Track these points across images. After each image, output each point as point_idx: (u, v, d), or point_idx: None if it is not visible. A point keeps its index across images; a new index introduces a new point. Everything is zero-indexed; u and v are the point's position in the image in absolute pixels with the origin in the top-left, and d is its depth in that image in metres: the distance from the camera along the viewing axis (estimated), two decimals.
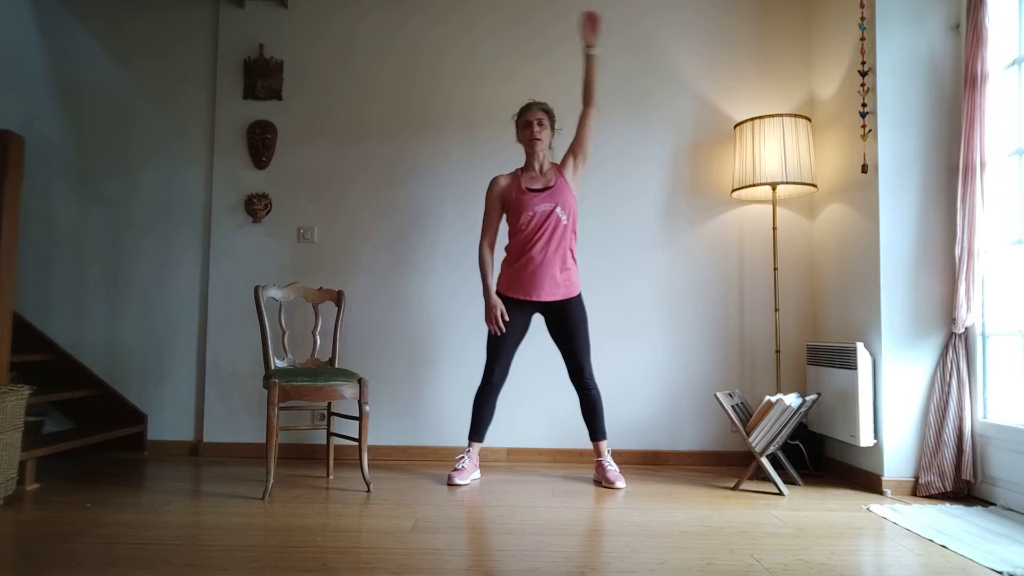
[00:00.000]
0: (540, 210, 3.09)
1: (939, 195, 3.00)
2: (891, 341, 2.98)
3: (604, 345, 3.61)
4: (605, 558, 2.07)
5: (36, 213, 3.78)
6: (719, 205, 3.71)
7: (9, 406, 2.65)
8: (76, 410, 3.75)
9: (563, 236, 3.11)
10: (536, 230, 3.09)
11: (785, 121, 3.34)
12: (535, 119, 3.14)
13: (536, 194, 3.12)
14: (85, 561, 1.98)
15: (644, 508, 2.67)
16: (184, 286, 3.78)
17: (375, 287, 3.73)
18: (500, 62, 3.78)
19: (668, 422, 3.64)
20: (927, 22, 3.04)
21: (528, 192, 3.13)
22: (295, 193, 3.77)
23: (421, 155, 3.77)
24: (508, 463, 3.58)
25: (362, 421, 2.94)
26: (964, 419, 2.81)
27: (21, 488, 2.84)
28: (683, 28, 3.77)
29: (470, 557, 2.07)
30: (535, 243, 3.09)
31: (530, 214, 3.10)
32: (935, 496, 2.86)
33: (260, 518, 2.46)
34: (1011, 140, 2.78)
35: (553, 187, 3.12)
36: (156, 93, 3.85)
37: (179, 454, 3.69)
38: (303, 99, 3.80)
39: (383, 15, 3.82)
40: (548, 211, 3.09)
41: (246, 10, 3.81)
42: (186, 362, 3.75)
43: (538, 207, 3.10)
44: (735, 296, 3.69)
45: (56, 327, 3.76)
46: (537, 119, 3.14)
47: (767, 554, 2.11)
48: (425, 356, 3.70)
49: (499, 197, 3.19)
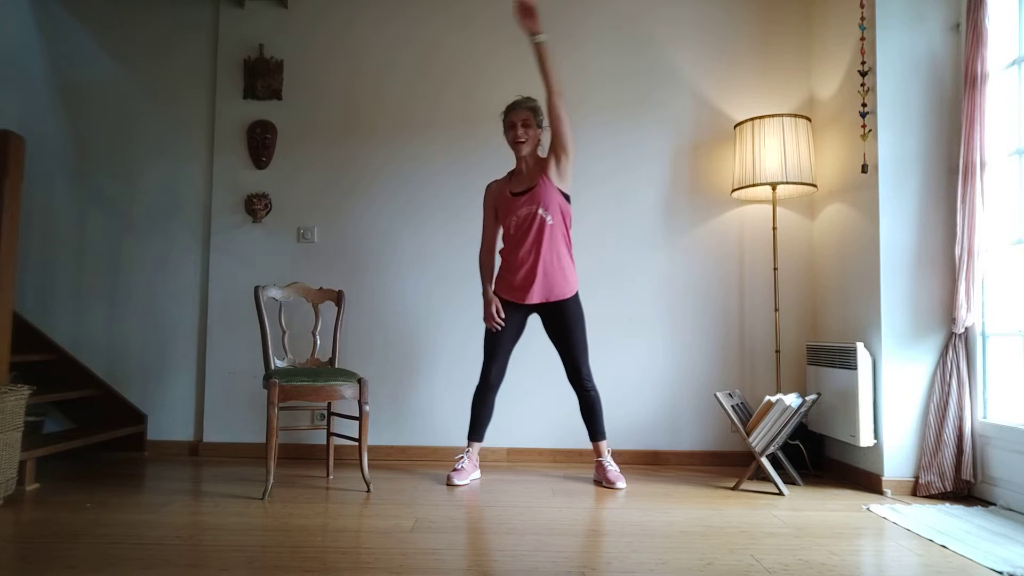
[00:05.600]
0: (522, 213, 3.06)
1: (939, 195, 3.00)
2: (891, 341, 2.98)
3: (604, 345, 3.61)
4: (605, 558, 2.07)
5: (36, 213, 3.78)
6: (719, 205, 3.71)
7: (9, 406, 2.65)
8: (76, 410, 3.75)
9: (551, 236, 3.05)
10: (521, 234, 3.06)
11: (785, 121, 3.34)
12: (519, 120, 3.08)
13: (518, 197, 3.08)
14: (85, 561, 1.98)
15: (644, 508, 2.67)
16: (184, 286, 3.78)
17: (375, 287, 3.73)
18: (500, 62, 3.78)
19: (668, 422, 3.64)
20: (927, 22, 3.04)
21: (511, 196, 3.10)
22: (295, 193, 3.77)
23: (421, 155, 3.77)
24: (508, 463, 3.58)
25: (362, 421, 2.94)
26: (964, 419, 2.81)
27: (21, 488, 2.84)
28: (683, 28, 3.77)
29: (470, 557, 2.07)
30: (520, 246, 3.07)
31: (513, 218, 3.08)
32: (935, 496, 2.86)
33: (260, 518, 2.46)
34: (1011, 140, 2.78)
35: (534, 188, 3.07)
36: (156, 93, 3.85)
37: (179, 454, 3.69)
38: (303, 99, 3.80)
39: (383, 15, 3.82)
40: (530, 213, 3.04)
41: (246, 10, 3.81)
42: (186, 362, 3.75)
43: (520, 210, 3.07)
44: (735, 296, 3.69)
45: (56, 327, 3.76)
46: (522, 119, 3.07)
47: (767, 554, 2.11)
48: (425, 356, 3.70)
49: (491, 204, 3.20)
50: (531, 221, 3.05)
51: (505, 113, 3.15)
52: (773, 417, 2.93)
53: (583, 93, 3.74)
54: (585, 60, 3.76)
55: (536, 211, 3.04)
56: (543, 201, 3.05)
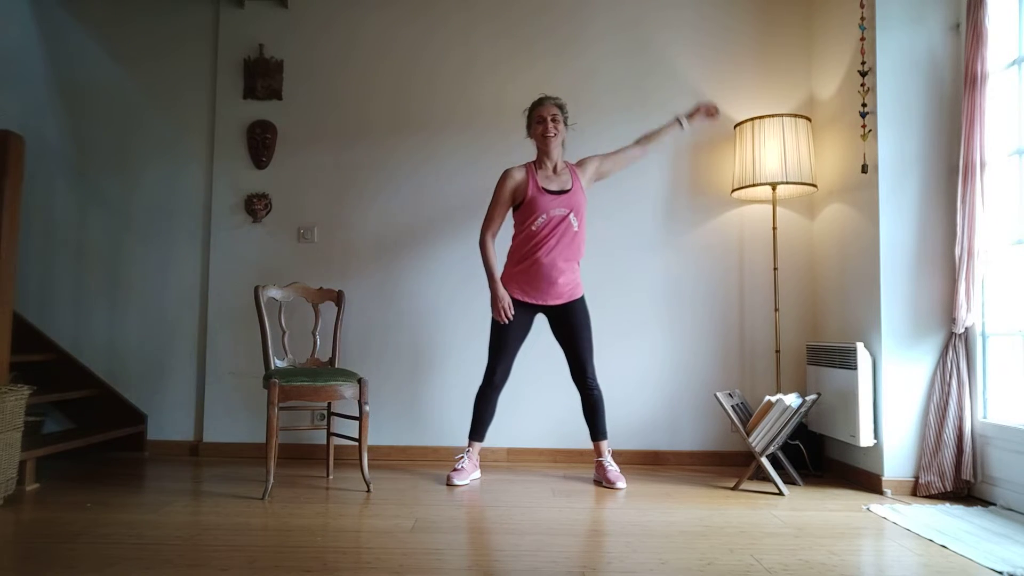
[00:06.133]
0: (555, 214, 3.03)
1: (939, 195, 3.00)
2: (891, 341, 2.98)
3: (604, 345, 3.61)
4: (605, 558, 2.07)
5: (36, 213, 3.78)
6: (719, 205, 3.71)
7: (9, 406, 2.65)
8: (76, 410, 3.75)
9: (572, 242, 3.05)
10: (548, 234, 3.03)
11: (785, 121, 3.34)
12: (549, 115, 3.05)
13: (552, 196, 3.04)
14: (85, 561, 1.98)
15: (644, 508, 2.67)
16: (184, 286, 3.78)
17: (375, 287, 3.73)
18: (500, 59, 3.78)
19: (668, 422, 3.64)
20: (927, 22, 3.04)
21: (544, 193, 3.05)
22: (295, 193, 3.77)
23: (421, 155, 3.77)
24: (508, 463, 3.58)
25: (362, 421, 2.94)
26: (964, 419, 2.81)
27: (21, 488, 2.84)
28: (683, 29, 3.77)
29: (470, 557, 2.07)
30: (543, 246, 3.03)
31: (545, 217, 3.03)
32: (935, 496, 2.86)
33: (260, 518, 2.46)
34: (1011, 140, 2.78)
35: (569, 191, 3.05)
36: (156, 93, 3.85)
37: (179, 454, 3.69)
38: (303, 99, 3.80)
39: (383, 15, 3.82)
40: (562, 216, 3.03)
41: (246, 10, 3.81)
42: (186, 362, 3.75)
43: (553, 211, 3.03)
44: (735, 296, 3.69)
45: (56, 327, 3.76)
46: (551, 115, 3.05)
47: (767, 554, 2.11)
48: (425, 356, 3.70)
49: (511, 191, 3.09)
50: (562, 224, 3.03)
51: (532, 108, 3.12)
52: (773, 417, 2.93)
53: (587, 95, 3.73)
54: (589, 64, 3.76)
55: (568, 216, 3.03)
56: (575, 206, 3.05)
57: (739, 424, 3.04)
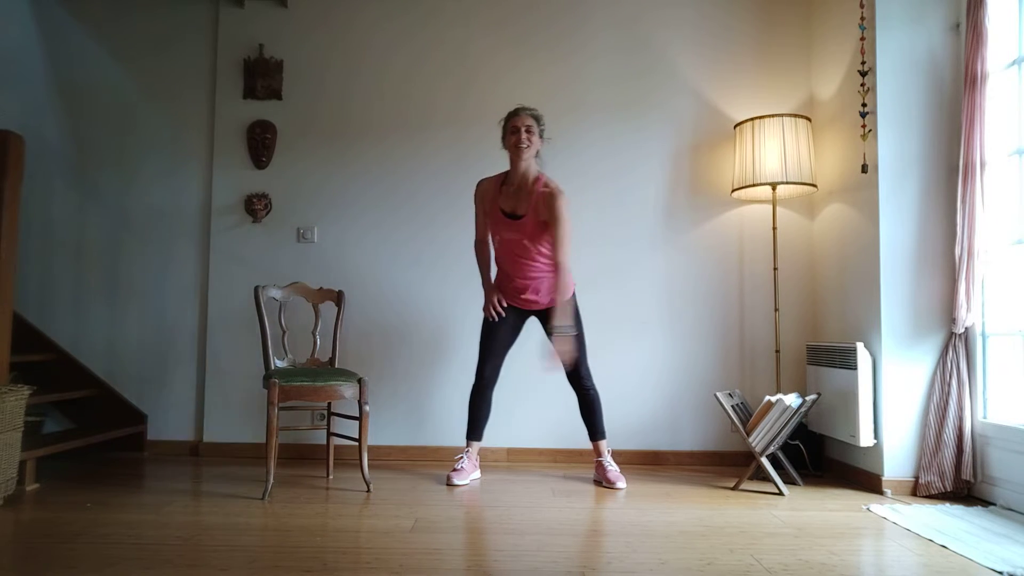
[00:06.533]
0: (507, 237, 3.04)
1: (939, 195, 3.00)
2: (891, 341, 2.98)
3: (604, 345, 3.61)
4: (605, 558, 2.07)
5: (36, 213, 3.78)
6: (719, 205, 3.71)
7: (9, 406, 2.65)
8: (76, 410, 3.74)
9: (533, 260, 3.03)
10: (506, 252, 3.07)
11: (785, 121, 3.34)
12: (523, 125, 2.99)
13: (505, 219, 3.02)
14: (85, 561, 1.98)
15: (644, 508, 2.67)
16: (184, 286, 3.78)
17: (375, 287, 3.73)
18: (501, 63, 3.78)
19: (668, 422, 3.64)
20: (927, 22, 3.04)
21: (499, 213, 3.04)
22: (295, 193, 3.77)
23: (421, 154, 3.76)
24: (508, 463, 3.58)
25: (362, 421, 2.94)
26: (964, 419, 2.81)
27: (21, 488, 2.84)
28: (683, 28, 3.77)
29: (470, 557, 2.07)
30: (505, 261, 3.10)
31: (499, 237, 3.07)
32: (935, 496, 2.86)
33: (260, 518, 2.46)
34: (1011, 140, 2.78)
35: (520, 219, 2.99)
36: (156, 93, 3.85)
37: (179, 454, 3.69)
38: (303, 99, 3.80)
39: (383, 15, 3.82)
40: (515, 240, 3.03)
41: (246, 10, 3.81)
42: (186, 362, 3.75)
43: (505, 234, 3.04)
44: (735, 296, 3.69)
45: (56, 327, 3.76)
46: (525, 126, 2.99)
47: (767, 554, 2.11)
48: (425, 356, 3.70)
49: (480, 201, 3.14)
50: (517, 247, 3.03)
51: (507, 119, 3.07)
52: (773, 417, 2.93)
53: (584, 93, 3.74)
54: (587, 61, 3.76)
55: (522, 240, 3.02)
56: (528, 235, 3.00)
57: (739, 424, 3.04)
